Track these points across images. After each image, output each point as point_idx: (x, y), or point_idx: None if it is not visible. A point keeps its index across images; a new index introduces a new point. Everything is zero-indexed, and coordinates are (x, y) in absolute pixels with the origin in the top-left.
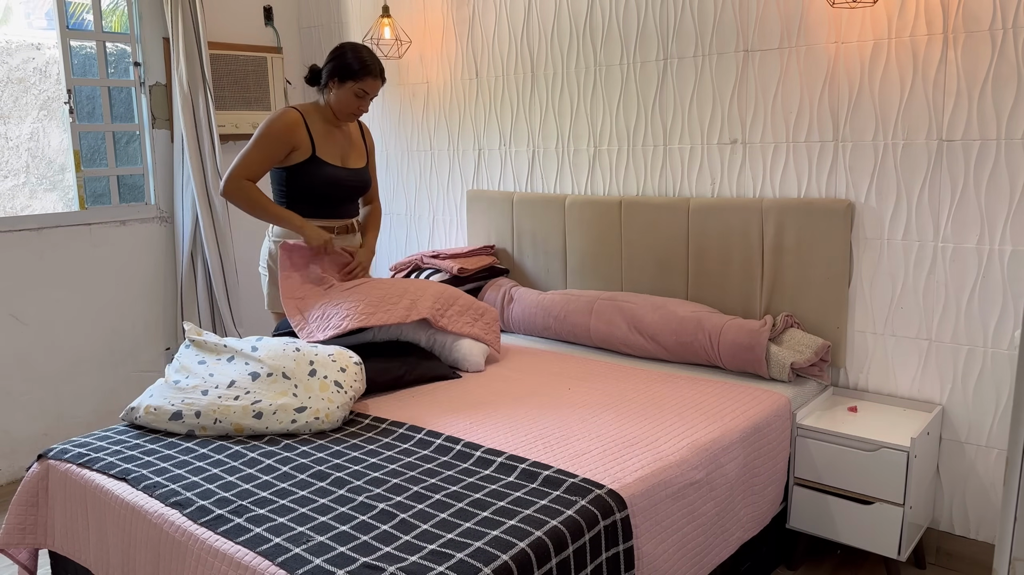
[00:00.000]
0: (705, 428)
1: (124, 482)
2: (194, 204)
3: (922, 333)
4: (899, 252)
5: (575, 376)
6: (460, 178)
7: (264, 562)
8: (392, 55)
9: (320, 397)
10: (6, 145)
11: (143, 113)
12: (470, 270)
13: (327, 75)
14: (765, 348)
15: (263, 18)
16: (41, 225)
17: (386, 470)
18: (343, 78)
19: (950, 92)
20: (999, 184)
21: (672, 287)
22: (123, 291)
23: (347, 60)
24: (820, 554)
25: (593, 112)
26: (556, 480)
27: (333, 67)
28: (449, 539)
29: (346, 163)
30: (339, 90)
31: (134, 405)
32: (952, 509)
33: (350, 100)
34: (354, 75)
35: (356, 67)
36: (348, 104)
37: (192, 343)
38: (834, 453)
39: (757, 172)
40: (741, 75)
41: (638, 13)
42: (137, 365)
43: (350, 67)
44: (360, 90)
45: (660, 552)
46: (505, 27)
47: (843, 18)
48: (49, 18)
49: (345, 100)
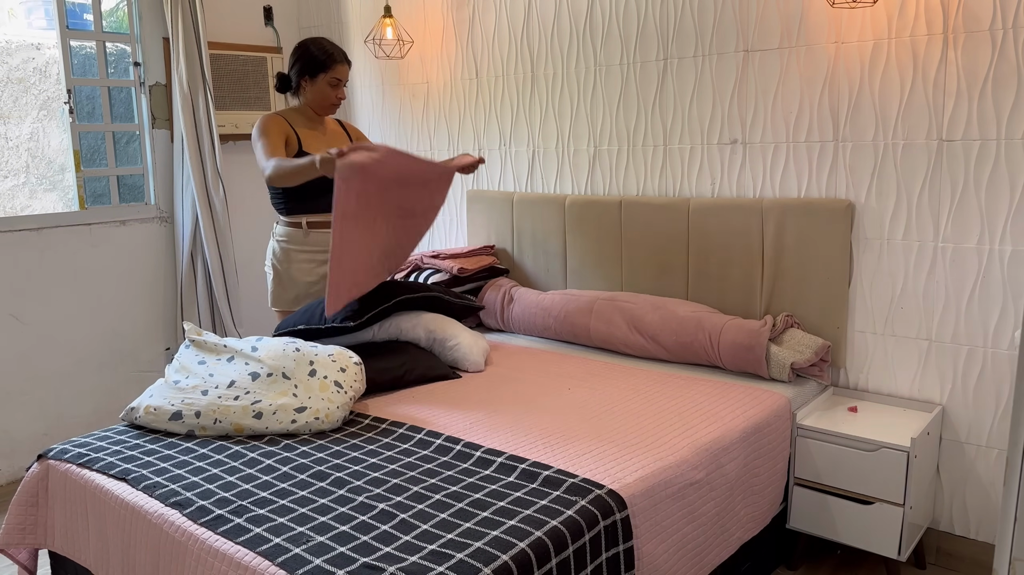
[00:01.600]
0: (705, 428)
1: (124, 482)
2: (194, 204)
3: (922, 333)
4: (899, 252)
5: (575, 376)
6: (460, 178)
7: (264, 562)
8: (393, 55)
9: (320, 397)
10: (6, 145)
11: (143, 113)
12: (470, 270)
13: (297, 75)
14: (765, 348)
15: (263, 18)
16: (41, 225)
17: (386, 470)
18: (313, 73)
19: (950, 92)
20: (999, 184)
21: (672, 287)
22: (123, 291)
23: (312, 55)
24: (820, 554)
25: (593, 112)
26: (556, 480)
27: (301, 66)
28: (449, 539)
29: None
30: (312, 86)
31: (134, 405)
32: (952, 509)
33: (326, 91)
34: (323, 67)
35: (322, 58)
36: (325, 96)
37: (192, 343)
38: (834, 453)
39: (757, 172)
40: (741, 75)
41: (638, 13)
42: (137, 365)
43: (316, 60)
44: (333, 79)
45: (660, 552)
46: (505, 27)
47: (843, 18)
48: (49, 18)
49: (321, 93)
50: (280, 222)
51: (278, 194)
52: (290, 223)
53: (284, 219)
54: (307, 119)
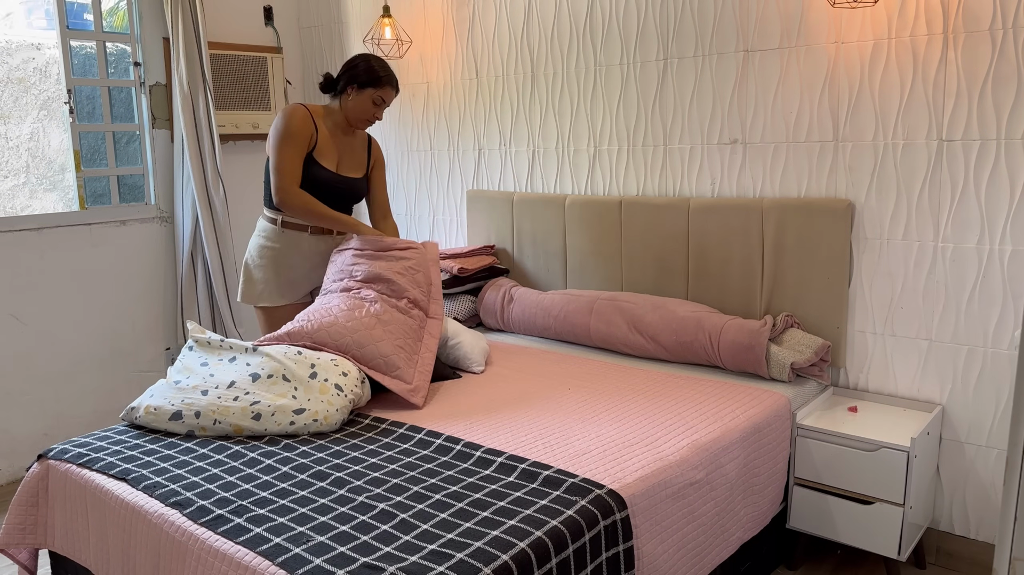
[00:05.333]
0: (705, 428)
1: (124, 482)
2: (194, 204)
3: (922, 333)
4: (899, 252)
5: (575, 376)
6: (460, 178)
7: (264, 562)
8: (393, 55)
9: (320, 399)
10: (6, 145)
11: (143, 113)
12: (470, 270)
13: (347, 80)
14: (765, 348)
15: (263, 18)
16: (41, 225)
17: (386, 470)
18: (363, 84)
19: (950, 92)
20: (999, 184)
21: (672, 287)
22: (123, 291)
23: (370, 66)
24: (820, 554)
25: (593, 112)
26: (556, 480)
27: (354, 73)
28: (449, 539)
29: (339, 169)
30: (358, 96)
31: (134, 405)
32: (952, 509)
33: (367, 106)
34: (376, 82)
35: (380, 74)
36: (365, 110)
37: (196, 343)
38: (834, 453)
39: (757, 172)
40: (741, 75)
41: (638, 13)
42: (137, 365)
43: (373, 73)
44: (379, 97)
45: (660, 552)
46: (505, 27)
47: (843, 18)
48: (49, 18)
49: (362, 106)
50: (263, 216)
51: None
52: (270, 218)
53: (267, 212)
54: (334, 121)
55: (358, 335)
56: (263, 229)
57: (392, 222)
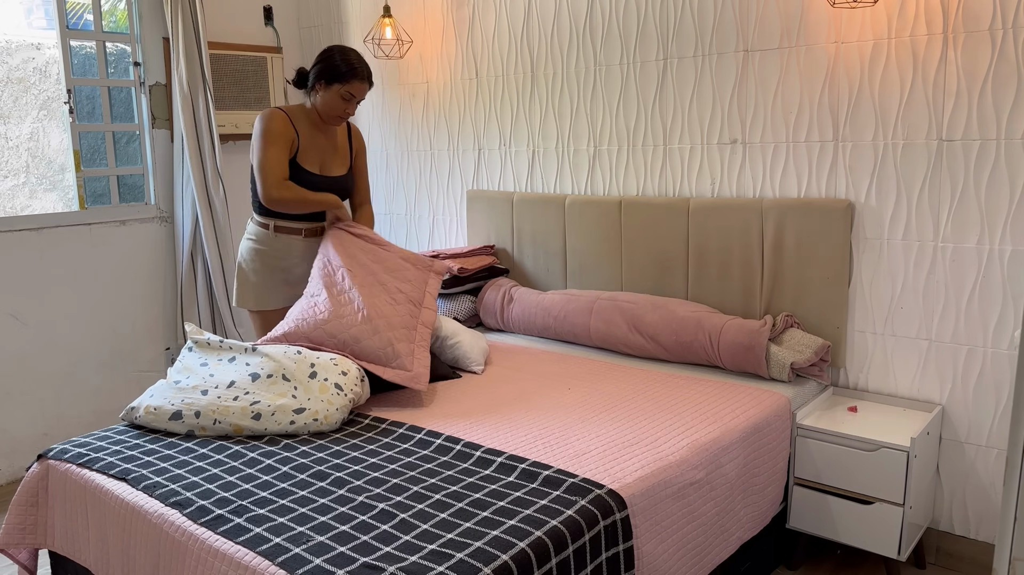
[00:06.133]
0: (705, 428)
1: (124, 482)
2: (194, 204)
3: (922, 333)
4: (899, 252)
5: (575, 376)
6: (460, 178)
7: (264, 562)
8: (393, 55)
9: (319, 399)
10: (6, 145)
11: (143, 113)
12: (470, 270)
13: (314, 77)
14: (765, 348)
15: (263, 18)
16: (41, 225)
17: (386, 470)
18: (330, 80)
19: (950, 92)
20: (999, 184)
21: (672, 287)
22: (123, 291)
23: (334, 62)
24: (820, 554)
25: (593, 112)
26: (556, 480)
27: (320, 69)
28: (449, 539)
29: (325, 170)
30: (325, 92)
31: (134, 405)
32: (952, 509)
33: (336, 102)
34: (341, 77)
35: (343, 69)
36: (334, 107)
37: (195, 344)
38: (834, 453)
39: (757, 172)
40: (741, 75)
41: (638, 13)
42: (137, 365)
43: (337, 69)
44: (347, 92)
45: (660, 552)
46: (505, 27)
47: (843, 18)
48: (49, 18)
49: (331, 102)
50: (252, 219)
51: (253, 193)
52: (261, 223)
53: (257, 218)
54: (311, 120)
55: (354, 330)
56: (255, 234)
57: (369, 209)
